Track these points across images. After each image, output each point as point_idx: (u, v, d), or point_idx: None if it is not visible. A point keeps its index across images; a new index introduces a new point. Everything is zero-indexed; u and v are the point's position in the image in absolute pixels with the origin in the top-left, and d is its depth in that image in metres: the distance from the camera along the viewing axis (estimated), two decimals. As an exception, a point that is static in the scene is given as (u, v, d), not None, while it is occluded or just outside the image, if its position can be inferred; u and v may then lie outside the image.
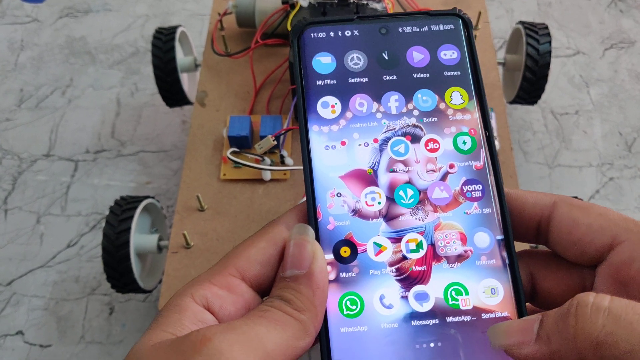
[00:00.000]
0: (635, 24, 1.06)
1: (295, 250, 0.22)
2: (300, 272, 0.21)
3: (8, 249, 0.81)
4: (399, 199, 0.24)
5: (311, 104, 0.24)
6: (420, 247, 0.23)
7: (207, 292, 0.21)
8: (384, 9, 0.65)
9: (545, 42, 0.74)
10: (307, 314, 0.21)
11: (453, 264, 0.23)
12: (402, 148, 0.24)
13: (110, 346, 0.73)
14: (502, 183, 0.24)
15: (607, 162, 0.89)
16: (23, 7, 1.11)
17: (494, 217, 0.23)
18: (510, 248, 0.23)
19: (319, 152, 0.24)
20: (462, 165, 0.24)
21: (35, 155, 0.91)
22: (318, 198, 0.23)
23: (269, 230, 0.23)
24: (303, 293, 0.21)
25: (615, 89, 0.97)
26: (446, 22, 0.25)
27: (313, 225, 0.23)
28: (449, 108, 0.24)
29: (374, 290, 0.22)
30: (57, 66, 1.02)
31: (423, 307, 0.22)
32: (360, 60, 0.25)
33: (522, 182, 0.85)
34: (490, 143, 0.24)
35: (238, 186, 0.63)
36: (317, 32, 0.25)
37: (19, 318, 0.76)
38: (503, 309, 0.22)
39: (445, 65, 0.25)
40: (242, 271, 0.22)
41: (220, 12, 0.74)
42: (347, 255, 0.23)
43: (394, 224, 0.23)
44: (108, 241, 0.61)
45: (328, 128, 0.24)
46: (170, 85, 0.78)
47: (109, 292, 0.76)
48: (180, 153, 0.89)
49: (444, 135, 0.24)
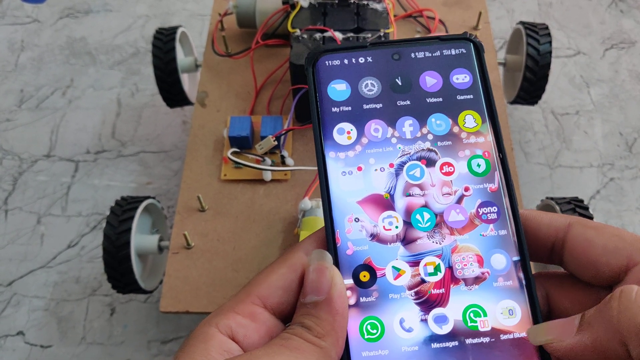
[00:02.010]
0: (635, 25, 1.06)
1: (314, 276, 0.22)
2: (319, 298, 0.22)
3: (8, 250, 0.81)
4: (415, 222, 0.24)
5: (327, 131, 0.25)
6: (438, 270, 0.23)
7: (232, 322, 0.22)
8: (384, 9, 0.65)
9: (545, 43, 0.74)
10: (328, 340, 0.21)
11: (471, 286, 0.23)
12: (417, 172, 0.24)
13: (112, 347, 0.73)
14: (517, 204, 0.24)
15: (608, 163, 0.89)
16: (23, 8, 1.11)
17: (510, 239, 0.24)
18: (526, 269, 0.23)
19: (336, 178, 0.24)
20: (477, 188, 0.24)
21: (35, 155, 0.91)
22: (336, 224, 0.24)
23: (289, 256, 0.23)
24: (323, 319, 0.21)
25: (615, 89, 0.97)
26: (457, 47, 0.26)
27: (332, 250, 0.23)
28: (463, 131, 0.25)
29: (394, 314, 0.23)
30: (58, 67, 1.02)
31: (442, 330, 0.23)
32: (374, 86, 0.25)
33: (523, 182, 0.85)
34: (504, 165, 0.25)
35: (239, 187, 0.63)
36: (332, 60, 0.25)
37: (19, 319, 0.76)
38: (521, 330, 0.23)
39: (458, 89, 0.25)
40: (264, 299, 0.22)
41: (221, 12, 0.74)
42: (367, 280, 0.23)
43: (411, 247, 0.24)
44: (109, 242, 0.61)
45: (344, 154, 0.24)
46: (171, 86, 0.78)
47: (109, 293, 0.76)
48: (181, 153, 0.89)
49: (458, 158, 0.25)
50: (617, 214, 0.83)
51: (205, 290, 0.56)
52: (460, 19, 0.77)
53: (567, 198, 0.64)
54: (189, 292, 0.56)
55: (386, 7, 0.65)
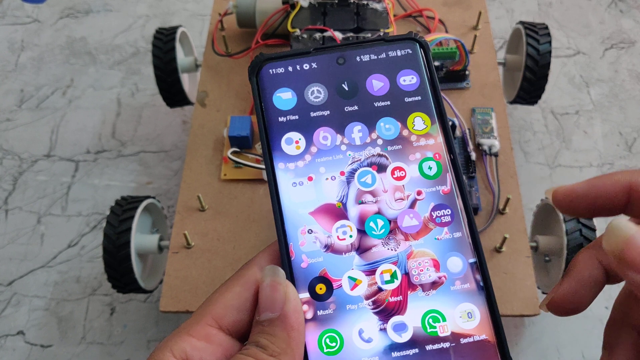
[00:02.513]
0: (635, 24, 1.06)
1: (267, 292, 0.22)
2: (274, 315, 0.21)
3: (8, 249, 0.81)
4: (370, 230, 0.24)
5: (275, 142, 0.24)
6: (395, 278, 0.23)
7: (186, 345, 0.21)
8: (384, 8, 0.65)
9: (545, 42, 0.74)
10: (284, 357, 0.21)
11: (428, 292, 0.23)
12: (369, 179, 0.24)
13: (112, 347, 0.73)
14: (470, 205, 0.24)
15: (608, 162, 0.89)
16: (23, 8, 1.11)
17: (465, 240, 0.24)
18: (483, 270, 0.23)
19: (287, 190, 0.24)
20: (430, 191, 0.24)
21: (35, 155, 0.91)
22: (289, 236, 0.23)
23: (243, 273, 0.23)
24: (278, 336, 0.21)
25: (615, 89, 0.97)
26: (403, 47, 0.25)
27: (286, 264, 0.23)
28: (412, 134, 0.24)
29: (353, 325, 0.22)
30: (58, 67, 1.02)
31: (402, 338, 0.22)
32: (320, 93, 0.25)
33: (523, 182, 0.85)
34: (455, 166, 0.24)
35: (239, 186, 0.63)
36: (276, 68, 0.25)
37: (19, 318, 0.76)
38: (481, 332, 0.22)
39: (405, 91, 0.25)
40: (218, 319, 0.22)
41: (221, 12, 0.74)
42: (323, 292, 0.23)
43: (367, 256, 0.23)
44: (109, 241, 0.61)
45: (294, 164, 0.24)
46: (171, 86, 0.78)
47: (109, 293, 0.76)
48: (181, 153, 0.89)
49: (409, 162, 0.24)
50: (616, 213, 0.83)
51: (205, 290, 0.57)
52: (460, 19, 0.77)
53: (566, 198, 0.64)
54: (188, 292, 0.56)
55: (386, 6, 0.65)
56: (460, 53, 0.68)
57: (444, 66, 0.69)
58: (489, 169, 0.63)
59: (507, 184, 0.62)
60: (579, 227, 0.58)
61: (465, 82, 0.70)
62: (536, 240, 0.63)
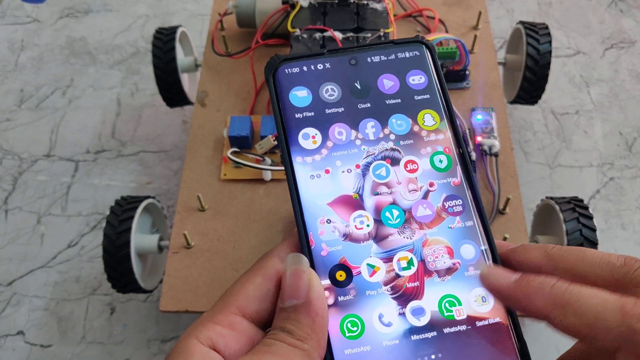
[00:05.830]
0: (635, 24, 1.06)
1: (291, 280, 0.22)
2: (298, 302, 0.22)
3: (8, 249, 0.81)
4: (385, 220, 0.25)
5: (292, 137, 0.25)
6: (412, 264, 0.24)
7: (211, 333, 0.22)
8: (384, 8, 0.65)
9: (545, 42, 0.74)
10: (309, 342, 0.21)
11: (444, 277, 0.24)
12: (383, 171, 0.25)
13: (112, 346, 0.73)
14: (480, 195, 0.25)
15: (608, 162, 0.89)
16: (23, 8, 1.11)
17: (476, 229, 0.25)
18: (494, 257, 0.24)
19: (305, 182, 0.25)
20: (441, 183, 0.25)
21: (35, 155, 0.91)
22: (309, 226, 0.24)
23: (263, 264, 0.24)
24: (303, 322, 0.22)
25: (615, 89, 0.97)
26: (411, 49, 0.27)
27: (307, 253, 0.24)
28: (423, 130, 0.26)
29: (373, 310, 0.23)
30: (58, 66, 1.02)
31: (420, 322, 0.23)
32: (334, 91, 0.26)
33: (523, 182, 0.85)
34: (464, 159, 0.26)
35: (239, 186, 0.63)
36: (291, 68, 0.26)
37: (19, 318, 0.76)
38: (495, 315, 0.23)
39: (415, 89, 0.26)
40: (241, 309, 0.23)
41: (221, 12, 0.74)
42: (343, 279, 0.24)
43: (384, 244, 0.24)
44: (109, 241, 0.61)
45: (311, 158, 0.25)
46: (171, 86, 0.78)
47: (109, 292, 0.76)
48: (181, 153, 0.89)
49: (420, 155, 0.26)
50: (616, 213, 0.83)
51: (205, 290, 0.57)
52: (460, 19, 0.77)
53: (567, 198, 0.64)
54: (188, 292, 0.56)
55: (386, 6, 0.65)
56: (460, 53, 0.68)
57: (444, 66, 0.69)
58: (489, 169, 0.63)
59: (507, 184, 0.62)
60: (579, 227, 0.58)
61: (465, 82, 0.70)
62: (536, 240, 0.63)
